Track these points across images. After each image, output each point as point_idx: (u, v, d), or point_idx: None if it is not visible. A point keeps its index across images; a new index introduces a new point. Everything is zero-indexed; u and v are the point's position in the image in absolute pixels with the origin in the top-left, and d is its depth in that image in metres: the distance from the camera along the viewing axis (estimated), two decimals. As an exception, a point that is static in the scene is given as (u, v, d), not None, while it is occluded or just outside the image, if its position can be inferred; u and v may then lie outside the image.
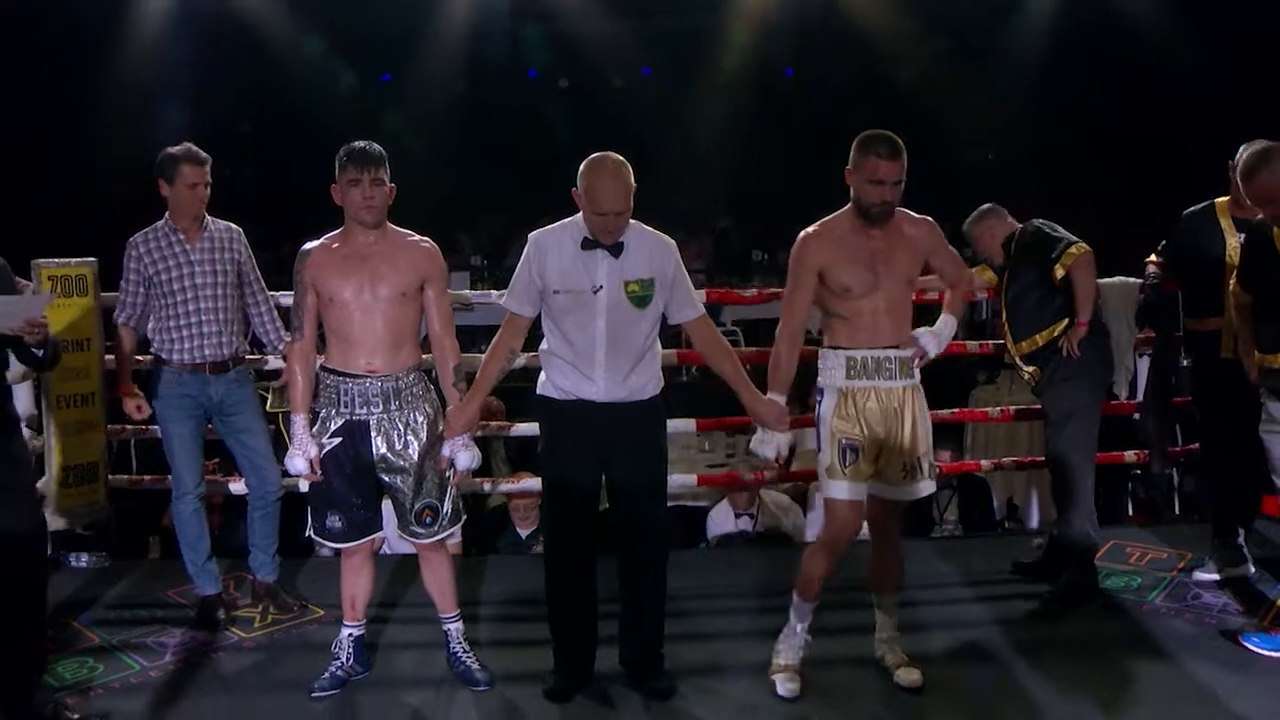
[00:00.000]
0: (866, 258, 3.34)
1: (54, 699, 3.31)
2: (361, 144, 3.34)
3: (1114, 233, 4.11)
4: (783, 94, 12.00)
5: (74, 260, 4.37)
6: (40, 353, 3.18)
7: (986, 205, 4.32)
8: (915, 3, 10.40)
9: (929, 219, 3.47)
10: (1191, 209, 4.25)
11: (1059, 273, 3.99)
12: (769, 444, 3.36)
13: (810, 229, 3.41)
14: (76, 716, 3.27)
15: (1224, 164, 4.04)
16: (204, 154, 3.93)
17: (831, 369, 3.40)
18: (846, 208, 3.39)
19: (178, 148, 3.92)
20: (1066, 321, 4.06)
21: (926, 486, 3.46)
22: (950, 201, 4.29)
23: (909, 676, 3.45)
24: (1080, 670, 3.56)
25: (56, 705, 3.27)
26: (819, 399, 3.44)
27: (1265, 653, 3.62)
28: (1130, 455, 4.96)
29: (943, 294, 3.64)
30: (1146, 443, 4.85)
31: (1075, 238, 4.01)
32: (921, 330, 3.42)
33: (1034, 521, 5.92)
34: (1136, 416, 4.96)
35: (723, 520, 5.30)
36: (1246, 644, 3.66)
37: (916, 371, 3.42)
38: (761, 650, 3.59)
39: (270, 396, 4.10)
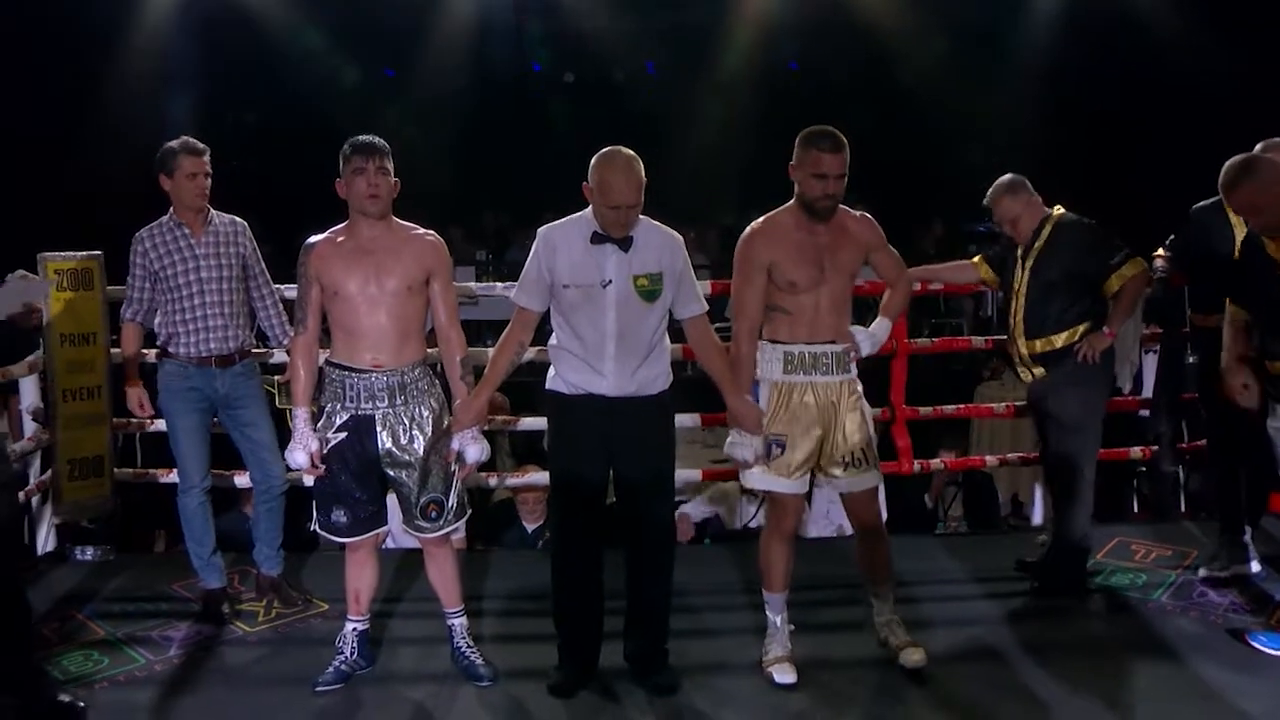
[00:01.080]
0: (813, 253, 3.39)
1: (59, 690, 3.32)
2: (364, 137, 3.35)
3: (1120, 228, 4.06)
4: (787, 88, 11.97)
5: (80, 254, 4.37)
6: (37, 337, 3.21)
7: (1014, 176, 4.10)
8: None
9: (869, 216, 3.54)
10: (1200, 204, 4.22)
11: (1115, 284, 3.92)
12: (745, 446, 3.39)
13: (755, 224, 3.47)
14: (82, 704, 3.28)
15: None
16: (201, 144, 3.92)
17: (769, 362, 3.45)
18: (790, 204, 3.45)
19: (175, 141, 3.92)
20: (1088, 325, 3.99)
21: (873, 477, 3.51)
22: (955, 198, 4.24)
23: (913, 657, 3.48)
24: (1085, 668, 3.55)
25: (59, 695, 3.28)
26: (755, 392, 3.47)
27: (1272, 651, 3.61)
28: (1136, 452, 4.95)
29: (874, 286, 3.64)
30: (1154, 439, 4.84)
31: (1130, 248, 3.93)
32: (858, 328, 3.48)
33: (1039, 518, 5.91)
34: (1144, 413, 4.94)
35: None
36: (1253, 643, 3.66)
37: (853, 366, 3.48)
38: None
39: (277, 395, 4.10)
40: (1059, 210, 4.08)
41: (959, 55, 10.75)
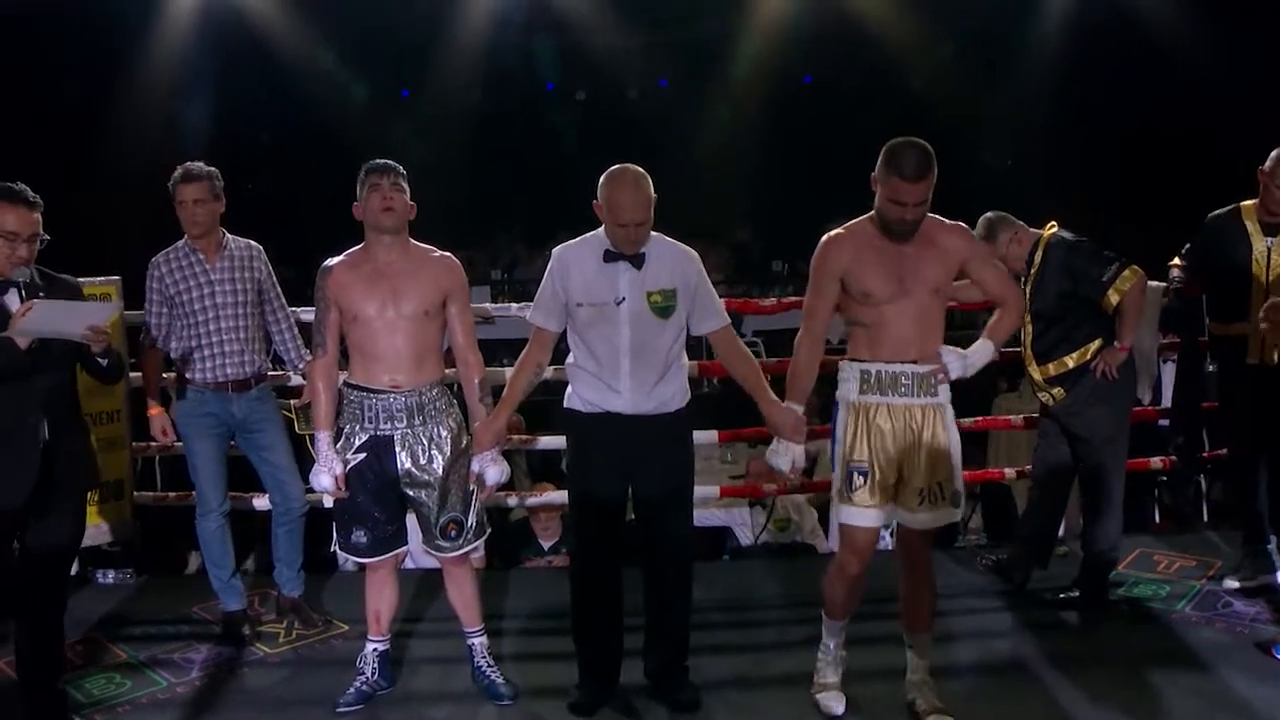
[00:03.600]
0: (892, 262, 3.16)
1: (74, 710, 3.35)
2: (380, 160, 3.38)
3: (1135, 237, 4.04)
4: (801, 102, 11.99)
5: (99, 279, 4.41)
6: (104, 361, 3.22)
7: (994, 215, 4.05)
8: (934, 7, 10.38)
9: (962, 225, 3.32)
10: (1216, 212, 4.21)
11: (1114, 299, 3.84)
12: (784, 455, 3.26)
13: (834, 231, 3.26)
14: None
15: (1249, 167, 4.01)
16: (201, 170, 3.91)
17: (846, 382, 3.25)
18: (871, 213, 3.23)
19: (177, 170, 3.93)
20: (1099, 342, 3.95)
21: (948, 514, 3.27)
22: (968, 206, 4.21)
23: None
24: (1108, 680, 3.52)
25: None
26: (833, 413, 3.31)
27: None
28: (1156, 462, 4.92)
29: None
30: (1174, 449, 4.81)
31: (1123, 257, 3.86)
32: (949, 349, 3.21)
33: (1060, 530, 5.87)
34: (1164, 424, 4.91)
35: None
36: (1279, 655, 3.62)
37: (941, 390, 3.21)
38: (787, 662, 3.59)
39: (296, 420, 4.10)
40: (1050, 230, 4.02)
41: (972, 66, 10.76)
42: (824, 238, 3.27)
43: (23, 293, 3.12)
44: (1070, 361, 3.98)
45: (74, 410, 3.29)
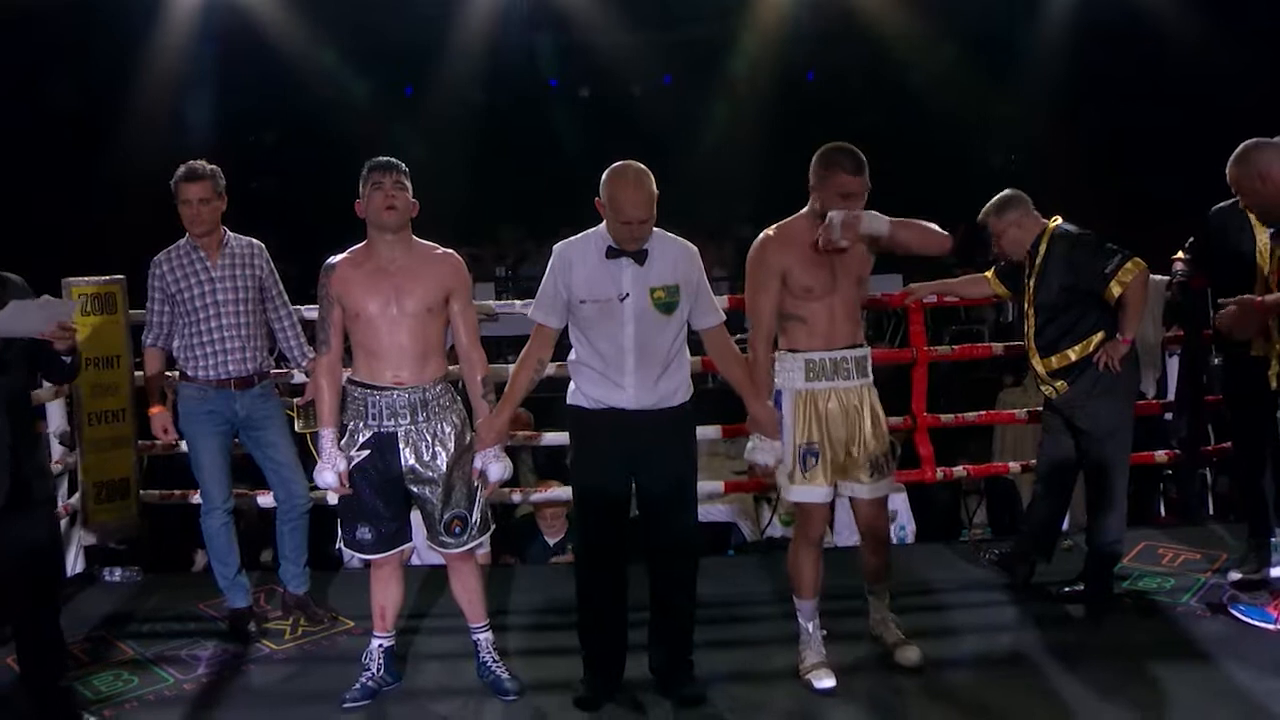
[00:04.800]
0: (825, 258, 3.41)
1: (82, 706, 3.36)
2: (382, 158, 3.39)
3: (1137, 231, 4.02)
4: (804, 99, 11.98)
5: (103, 278, 4.42)
6: (68, 360, 3.21)
7: (1009, 192, 4.06)
8: (936, 4, 10.38)
9: None
10: (1220, 205, 4.19)
11: (1115, 291, 3.84)
12: (767, 451, 3.43)
13: (768, 232, 3.51)
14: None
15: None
16: (204, 168, 3.92)
17: (790, 371, 3.48)
18: (803, 211, 3.47)
19: (179, 169, 3.94)
20: (1102, 334, 3.94)
21: (890, 483, 3.58)
22: (971, 203, 4.20)
23: (907, 655, 3.52)
24: (1113, 673, 3.52)
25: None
26: (777, 401, 3.48)
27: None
28: (1161, 455, 4.91)
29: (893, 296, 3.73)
30: (1178, 443, 4.80)
31: (1125, 250, 3.86)
32: (834, 212, 3.31)
33: (1065, 523, 5.86)
34: (1168, 417, 4.90)
35: None
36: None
37: (870, 370, 3.52)
38: (791, 657, 3.59)
39: (296, 418, 4.11)
40: (1055, 222, 4.01)
41: (975, 59, 10.75)
42: (760, 238, 3.51)
43: None
44: (1073, 354, 3.97)
45: (30, 414, 3.28)
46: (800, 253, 3.43)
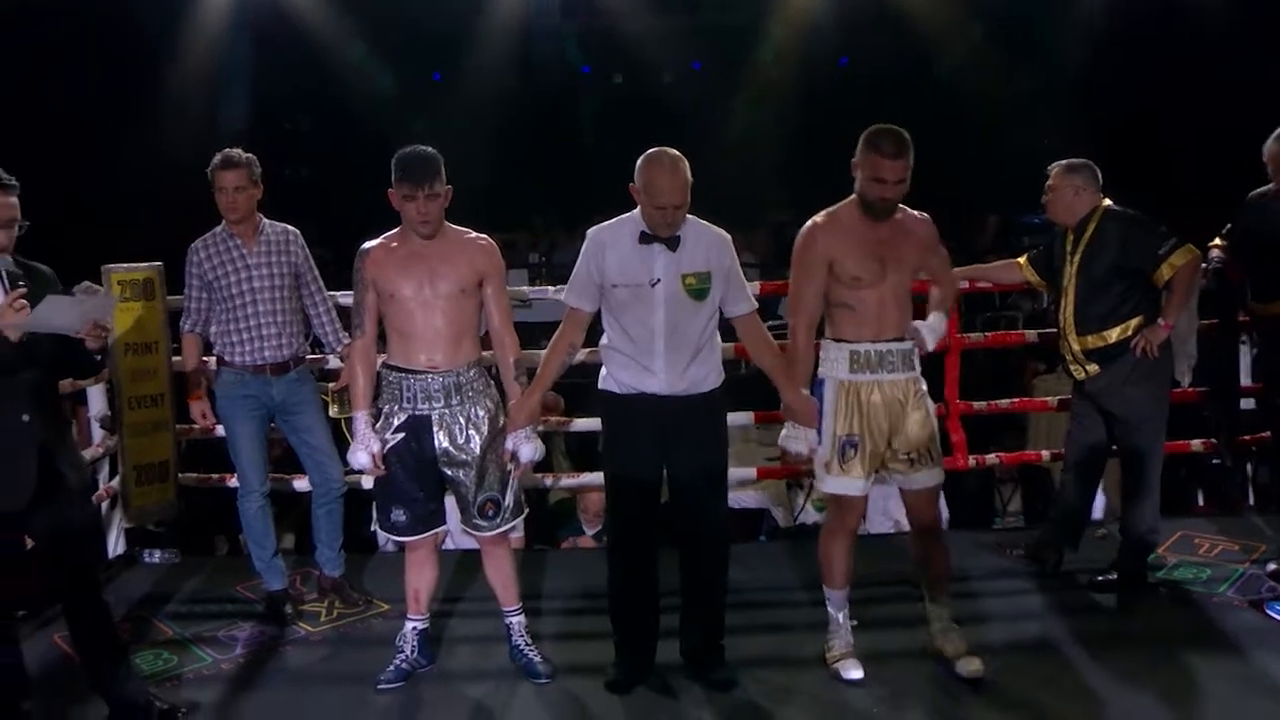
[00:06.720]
0: (874, 248, 3.36)
1: (148, 690, 3.39)
2: (414, 154, 3.32)
3: (1171, 218, 3.97)
4: (838, 84, 11.91)
5: (142, 265, 4.47)
6: (99, 357, 3.16)
7: (1079, 161, 4.02)
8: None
9: (927, 216, 3.49)
10: (1256, 191, 4.15)
11: (1166, 273, 3.83)
12: (799, 439, 3.39)
13: (817, 219, 3.43)
14: (166, 705, 3.35)
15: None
16: (240, 156, 3.93)
17: (834, 361, 3.42)
18: (850, 198, 3.41)
19: (215, 157, 3.96)
20: (1141, 319, 3.91)
21: (938, 474, 3.48)
22: (1000, 187, 4.18)
23: (970, 667, 3.41)
24: (1146, 663, 3.51)
25: (149, 695, 3.35)
26: (819, 390, 3.44)
27: None
28: (1197, 444, 4.87)
29: (922, 283, 3.63)
30: (1214, 432, 4.75)
31: (1177, 234, 3.84)
32: (920, 323, 3.43)
33: (1099, 512, 5.83)
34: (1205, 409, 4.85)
35: None
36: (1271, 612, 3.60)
37: (918, 363, 3.44)
38: (822, 643, 3.59)
39: (330, 403, 4.15)
40: (1106, 202, 4.00)
41: (1006, 46, 10.65)
42: (808, 225, 3.44)
43: (5, 283, 2.99)
44: (1111, 336, 3.94)
45: (59, 404, 3.24)
46: (848, 241, 3.36)
